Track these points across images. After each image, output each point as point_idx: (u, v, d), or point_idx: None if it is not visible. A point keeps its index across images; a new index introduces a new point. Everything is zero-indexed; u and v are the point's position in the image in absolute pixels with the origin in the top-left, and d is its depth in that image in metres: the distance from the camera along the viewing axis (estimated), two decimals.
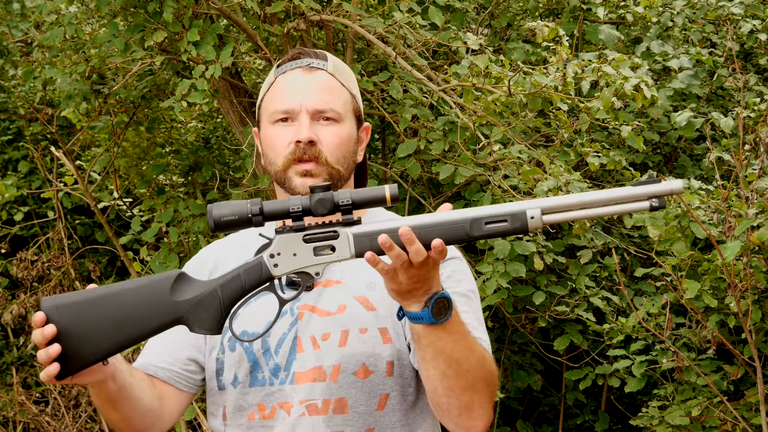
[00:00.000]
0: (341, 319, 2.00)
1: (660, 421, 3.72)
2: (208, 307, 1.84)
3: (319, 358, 2.01)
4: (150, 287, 1.84)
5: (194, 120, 5.32)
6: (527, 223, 1.77)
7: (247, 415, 2.04)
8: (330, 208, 1.80)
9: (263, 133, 2.09)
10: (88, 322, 1.81)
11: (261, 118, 2.11)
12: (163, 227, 4.51)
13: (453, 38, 4.02)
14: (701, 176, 4.47)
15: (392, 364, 2.02)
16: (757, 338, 3.61)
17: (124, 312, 1.82)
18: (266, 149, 2.08)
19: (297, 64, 2.08)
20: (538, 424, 4.77)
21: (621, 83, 3.68)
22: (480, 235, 1.79)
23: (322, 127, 2.04)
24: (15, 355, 5.63)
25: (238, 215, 1.80)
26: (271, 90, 2.09)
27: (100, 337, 1.81)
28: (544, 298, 3.96)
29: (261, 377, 2.02)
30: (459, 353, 1.88)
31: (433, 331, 1.85)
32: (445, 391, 1.92)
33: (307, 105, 2.04)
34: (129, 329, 1.83)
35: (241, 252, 2.10)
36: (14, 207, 5.92)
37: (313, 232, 1.82)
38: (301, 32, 4.02)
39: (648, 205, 1.75)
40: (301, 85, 2.05)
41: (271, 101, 2.08)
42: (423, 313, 1.81)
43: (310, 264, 1.83)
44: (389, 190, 1.79)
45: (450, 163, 3.87)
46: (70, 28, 4.10)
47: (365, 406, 2.01)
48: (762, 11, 4.67)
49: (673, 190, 1.75)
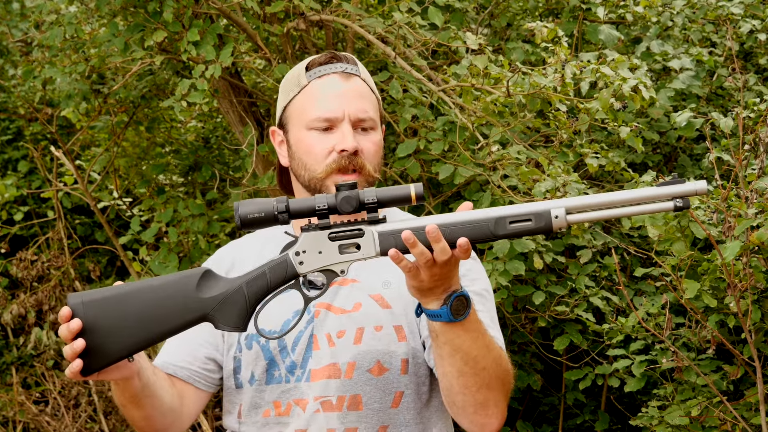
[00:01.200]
0: (356, 317, 2.01)
1: (660, 421, 3.72)
2: (233, 304, 1.84)
3: (334, 355, 2.02)
4: (176, 284, 1.85)
5: (194, 120, 5.32)
6: (552, 222, 1.78)
7: (263, 412, 2.05)
8: (356, 206, 1.80)
9: (295, 136, 2.07)
10: (114, 318, 1.82)
11: (290, 120, 2.09)
12: (162, 227, 4.51)
13: (453, 38, 4.02)
14: (701, 176, 4.47)
15: (407, 361, 2.04)
16: (756, 338, 3.61)
17: (150, 308, 1.83)
18: (301, 154, 2.06)
19: (333, 68, 2.07)
20: (538, 424, 4.77)
21: (619, 84, 3.68)
22: (504, 234, 1.79)
23: (362, 137, 2.05)
24: (15, 355, 5.63)
25: (265, 212, 1.81)
26: (304, 93, 2.07)
27: (126, 333, 1.82)
28: (544, 298, 3.97)
29: (277, 375, 2.04)
30: (476, 351, 1.89)
31: (451, 329, 1.86)
32: (461, 388, 1.93)
33: (350, 113, 2.04)
34: (155, 326, 1.83)
35: (260, 250, 2.11)
36: (14, 207, 5.92)
37: (339, 230, 1.82)
38: (301, 32, 4.03)
39: (672, 205, 1.76)
40: (341, 91, 2.04)
41: (309, 106, 2.06)
42: (441, 310, 1.82)
43: (336, 262, 1.83)
44: (414, 189, 1.80)
45: (449, 163, 3.87)
46: (69, 27, 4.10)
47: (379, 403, 2.02)
48: (762, 11, 4.66)
49: (697, 190, 1.75)
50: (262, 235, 2.16)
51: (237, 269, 2.09)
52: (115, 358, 1.82)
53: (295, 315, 1.98)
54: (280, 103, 2.13)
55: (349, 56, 2.10)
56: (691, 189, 1.75)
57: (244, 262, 2.10)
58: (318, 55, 2.13)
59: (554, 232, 1.79)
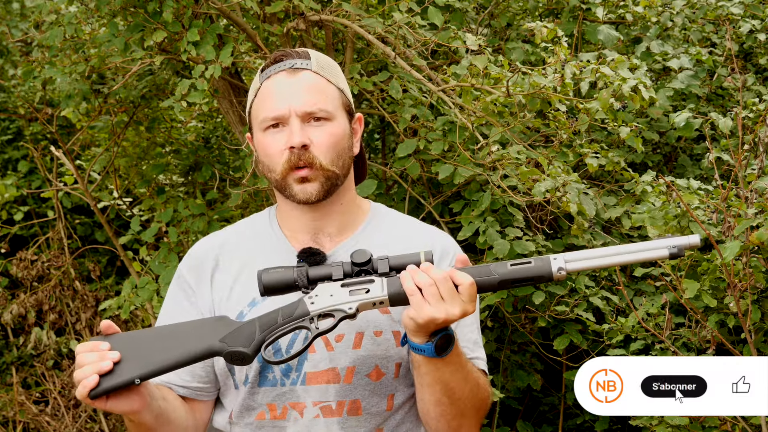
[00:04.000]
0: (355, 322, 2.01)
1: (660, 421, 3.72)
2: (244, 331, 1.91)
3: (333, 360, 2.02)
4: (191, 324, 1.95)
5: (194, 120, 5.32)
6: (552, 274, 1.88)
7: (256, 414, 2.05)
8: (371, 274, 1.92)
9: (256, 140, 2.09)
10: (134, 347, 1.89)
11: (252, 124, 2.11)
12: (162, 227, 4.50)
13: (452, 38, 4.02)
14: (701, 176, 4.47)
15: (399, 365, 2.06)
16: (756, 338, 3.61)
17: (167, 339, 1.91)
18: (262, 156, 2.08)
19: (280, 67, 2.07)
20: (538, 424, 4.77)
21: (619, 84, 3.68)
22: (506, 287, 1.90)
23: (314, 129, 2.04)
24: (15, 355, 5.63)
25: (286, 283, 1.91)
26: (257, 96, 2.08)
27: (139, 358, 1.88)
28: (544, 298, 3.97)
29: (271, 377, 2.04)
30: (454, 383, 1.96)
31: (433, 362, 1.92)
32: (437, 416, 2.00)
33: (296, 108, 2.03)
34: (167, 352, 1.90)
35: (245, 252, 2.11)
36: (14, 207, 5.92)
37: (351, 281, 1.92)
38: (301, 32, 4.02)
39: (667, 253, 1.86)
40: (286, 88, 2.04)
41: (260, 108, 2.07)
42: (426, 346, 1.89)
43: (345, 302, 1.91)
44: (424, 256, 1.89)
45: (449, 163, 3.87)
46: (69, 27, 4.10)
47: (377, 407, 2.04)
48: (761, 11, 4.66)
49: (691, 244, 1.86)
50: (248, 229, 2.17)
51: (222, 270, 2.10)
52: (126, 380, 1.86)
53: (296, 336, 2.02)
54: (246, 110, 2.16)
55: (302, 51, 2.10)
56: (685, 243, 1.85)
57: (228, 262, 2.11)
58: None
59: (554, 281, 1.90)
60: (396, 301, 1.87)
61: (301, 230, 2.10)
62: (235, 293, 2.07)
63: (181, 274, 2.14)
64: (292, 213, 2.11)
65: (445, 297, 1.83)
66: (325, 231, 2.10)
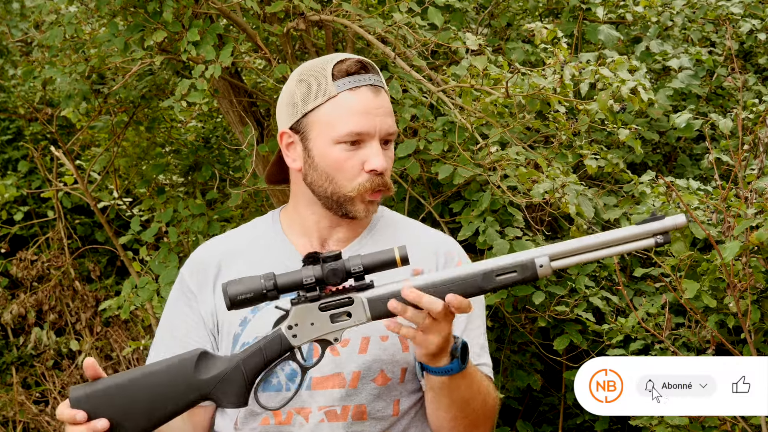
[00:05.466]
0: (361, 326, 1.99)
1: (659, 421, 3.72)
2: (232, 381, 1.89)
3: (339, 365, 2.01)
4: (175, 369, 1.90)
5: (194, 120, 5.31)
6: (537, 271, 1.83)
7: (261, 420, 2.04)
8: (342, 276, 1.85)
9: (319, 147, 2.02)
10: (117, 408, 1.86)
11: (313, 128, 2.02)
12: (162, 227, 4.50)
13: (452, 38, 4.02)
14: (700, 176, 4.47)
15: (405, 370, 2.05)
16: (756, 338, 3.61)
17: (151, 395, 1.88)
18: (327, 167, 2.01)
19: (363, 80, 2.00)
20: (538, 424, 4.77)
21: (618, 86, 3.69)
22: (492, 288, 1.85)
23: (385, 153, 2.03)
24: (15, 355, 5.64)
25: (253, 292, 1.84)
26: (334, 104, 2.00)
27: (130, 422, 1.87)
28: (544, 298, 3.97)
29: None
30: (469, 395, 1.96)
31: (455, 380, 1.92)
32: (450, 429, 2.02)
33: (381, 131, 2.00)
34: (157, 411, 1.88)
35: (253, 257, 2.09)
36: (14, 207, 5.93)
37: (328, 300, 1.87)
38: (301, 32, 4.02)
39: (653, 242, 1.80)
40: (373, 107, 2.00)
41: (339, 119, 1.99)
42: (453, 364, 1.88)
43: (329, 331, 1.88)
44: (398, 252, 1.84)
45: (449, 163, 3.87)
46: (69, 27, 4.09)
47: (382, 412, 2.03)
48: (761, 11, 4.67)
49: (676, 224, 1.79)
50: (251, 234, 2.15)
51: (224, 275, 2.07)
52: None
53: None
54: (296, 105, 2.04)
55: (373, 65, 2.05)
56: (671, 224, 1.79)
57: (231, 269, 2.09)
58: (341, 57, 2.04)
59: (539, 279, 1.87)
60: (379, 318, 1.86)
61: (312, 234, 2.09)
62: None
63: (183, 279, 2.13)
64: (310, 216, 2.08)
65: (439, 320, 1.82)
66: (334, 237, 2.09)
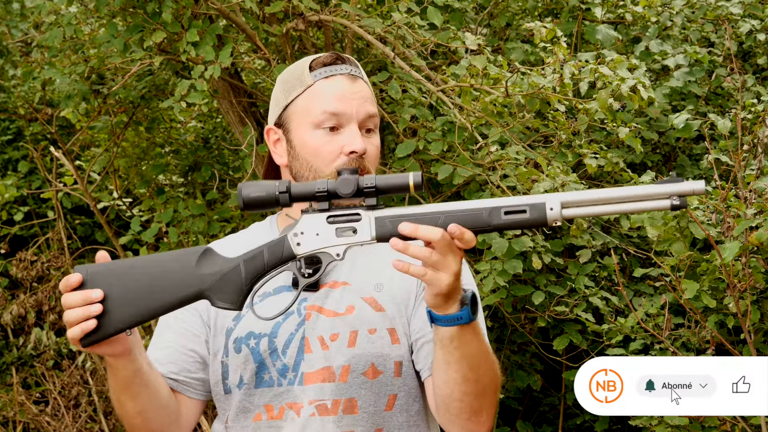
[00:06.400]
0: (350, 320, 2.00)
1: (659, 421, 3.72)
2: (230, 281, 1.86)
3: (328, 359, 2.01)
4: (178, 259, 1.88)
5: (193, 120, 5.31)
6: (546, 214, 1.77)
7: (253, 416, 2.04)
8: (354, 190, 1.81)
9: (299, 136, 2.05)
10: (116, 290, 1.84)
11: (293, 119, 2.06)
12: (162, 227, 4.51)
13: (452, 38, 4.03)
14: (700, 176, 4.47)
15: (400, 364, 2.04)
16: (756, 339, 3.61)
17: (150, 281, 1.86)
18: (306, 155, 2.04)
19: (339, 70, 2.05)
20: (538, 424, 4.77)
21: (618, 84, 3.69)
22: (498, 224, 1.79)
23: (366, 138, 2.03)
24: (15, 355, 5.64)
25: (266, 193, 1.83)
26: (310, 93, 2.05)
27: (126, 305, 1.84)
28: (544, 298, 3.97)
29: (268, 378, 2.02)
30: (479, 355, 1.90)
31: (464, 332, 1.85)
32: (461, 395, 1.93)
33: (359, 114, 2.02)
34: (154, 298, 1.86)
35: None
36: (14, 207, 5.92)
37: (336, 213, 1.84)
38: (300, 32, 4.03)
39: (669, 203, 1.75)
40: (349, 92, 2.03)
41: (315, 104, 2.03)
42: (463, 312, 1.82)
43: (333, 245, 1.84)
44: (413, 178, 1.80)
45: (449, 163, 3.88)
46: (69, 28, 4.10)
47: (374, 406, 2.02)
48: (761, 11, 4.67)
49: (695, 190, 1.74)
50: (249, 238, 2.15)
51: None
52: (114, 330, 1.83)
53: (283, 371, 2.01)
54: (278, 102, 2.10)
55: (352, 59, 2.09)
56: (689, 188, 1.74)
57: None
58: (319, 54, 2.11)
59: (549, 225, 1.80)
60: (382, 240, 1.82)
61: None
62: None
63: None
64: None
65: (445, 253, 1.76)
66: None
